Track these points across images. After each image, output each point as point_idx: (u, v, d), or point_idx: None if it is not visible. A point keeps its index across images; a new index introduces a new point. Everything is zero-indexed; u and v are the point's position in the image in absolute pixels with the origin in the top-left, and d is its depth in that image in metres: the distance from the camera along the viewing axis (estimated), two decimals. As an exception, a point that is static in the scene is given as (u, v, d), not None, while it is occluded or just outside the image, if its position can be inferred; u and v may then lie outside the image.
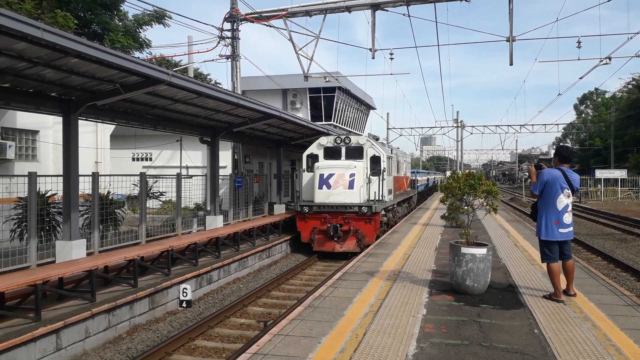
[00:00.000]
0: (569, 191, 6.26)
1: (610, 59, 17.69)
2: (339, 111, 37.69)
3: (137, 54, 19.66)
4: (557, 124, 51.60)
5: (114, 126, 16.35)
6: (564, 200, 6.22)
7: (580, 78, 23.06)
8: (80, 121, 8.97)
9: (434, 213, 20.59)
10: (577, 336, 5.01)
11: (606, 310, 5.94)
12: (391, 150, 19.23)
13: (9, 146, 12.16)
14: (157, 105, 10.47)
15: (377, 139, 18.87)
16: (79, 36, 6.59)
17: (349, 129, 39.33)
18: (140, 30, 20.66)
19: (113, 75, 8.01)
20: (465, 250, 6.62)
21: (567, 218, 6.26)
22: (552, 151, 79.44)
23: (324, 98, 36.32)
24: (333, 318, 5.67)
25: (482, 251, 6.61)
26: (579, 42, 17.24)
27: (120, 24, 19.79)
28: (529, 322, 5.48)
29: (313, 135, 18.19)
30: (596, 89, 71.36)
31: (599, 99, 70.06)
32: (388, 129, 48.63)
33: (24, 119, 13.50)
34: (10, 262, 7.20)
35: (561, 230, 6.22)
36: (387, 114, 49.78)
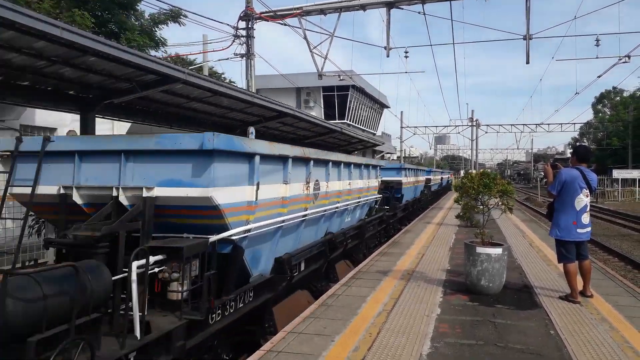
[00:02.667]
0: (587, 191, 6.19)
1: (629, 57, 17.42)
2: (352, 110, 37.69)
3: (153, 52, 19.84)
4: (574, 123, 50.77)
5: (130, 124, 16.50)
6: (583, 200, 6.15)
7: (599, 77, 22.73)
8: (97, 119, 9.08)
9: (448, 212, 20.47)
10: (594, 338, 4.95)
11: (624, 312, 5.85)
12: None
13: (27, 143, 12.30)
14: (173, 104, 10.56)
15: None
16: (97, 35, 6.68)
17: (363, 128, 39.31)
18: (156, 29, 20.84)
19: (130, 74, 8.09)
20: (480, 250, 6.57)
21: (585, 218, 6.19)
22: (569, 151, 78.03)
23: (338, 96, 36.37)
24: (347, 317, 5.67)
25: (497, 251, 6.56)
26: (597, 41, 17.00)
27: (136, 23, 19.98)
28: (544, 323, 5.43)
29: (326, 133, 18.19)
30: (614, 88, 70.23)
31: (617, 98, 68.94)
32: (402, 127, 48.47)
33: (42, 117, 13.69)
34: (27, 258, 7.27)
35: (579, 230, 6.16)
36: (401, 112, 49.52)
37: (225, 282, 4.99)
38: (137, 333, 3.88)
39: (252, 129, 7.11)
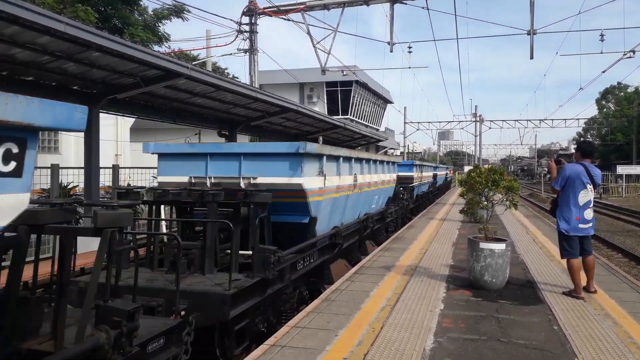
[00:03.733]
0: (591, 186, 6.17)
1: (634, 52, 17.34)
2: (355, 105, 37.61)
3: (156, 47, 19.84)
4: (578, 119, 50.71)
5: (134, 119, 16.53)
6: (586, 195, 6.13)
7: (603, 72, 22.65)
8: (100, 114, 9.10)
9: (452, 208, 20.46)
10: (598, 333, 4.94)
11: (628, 308, 5.84)
12: None
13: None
14: (176, 99, 10.57)
15: None
16: (100, 30, 6.69)
17: (366, 123, 39.25)
18: (160, 24, 20.85)
19: (133, 69, 8.10)
20: (483, 245, 6.57)
21: (589, 214, 6.17)
22: (572, 146, 77.77)
23: (341, 92, 36.28)
24: (350, 311, 5.68)
25: (500, 246, 6.55)
26: (602, 35, 16.94)
27: (140, 18, 19.98)
28: (548, 319, 5.42)
29: (330, 129, 18.18)
30: (619, 83, 69.82)
31: (622, 94, 68.58)
32: (405, 123, 48.40)
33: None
34: (32, 253, 7.26)
35: (582, 225, 6.14)
36: (405, 108, 49.47)
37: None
38: None
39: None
